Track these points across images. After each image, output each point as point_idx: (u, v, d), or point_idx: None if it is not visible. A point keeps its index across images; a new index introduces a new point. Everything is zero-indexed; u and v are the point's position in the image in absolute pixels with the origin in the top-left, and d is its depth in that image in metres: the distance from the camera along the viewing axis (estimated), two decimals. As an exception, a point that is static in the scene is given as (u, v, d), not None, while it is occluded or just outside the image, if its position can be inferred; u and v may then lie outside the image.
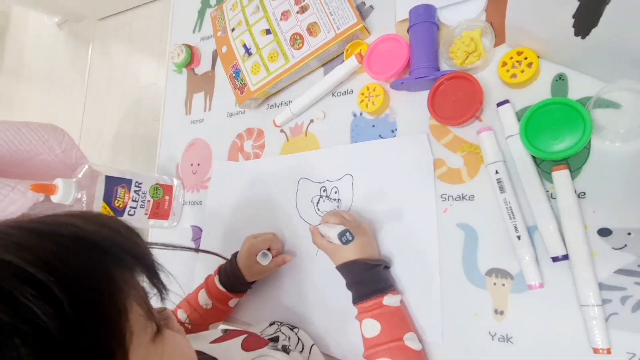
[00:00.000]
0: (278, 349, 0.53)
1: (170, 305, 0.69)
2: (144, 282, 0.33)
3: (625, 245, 0.45)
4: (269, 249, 0.68)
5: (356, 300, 0.56)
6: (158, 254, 0.36)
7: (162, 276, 0.34)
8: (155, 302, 0.34)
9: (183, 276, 0.83)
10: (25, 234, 0.26)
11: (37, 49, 2.80)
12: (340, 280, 0.59)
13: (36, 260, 0.24)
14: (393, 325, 0.53)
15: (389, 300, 0.54)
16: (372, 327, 0.53)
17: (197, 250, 0.59)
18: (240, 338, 0.53)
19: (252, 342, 0.53)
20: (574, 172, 0.49)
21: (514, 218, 0.50)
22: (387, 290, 0.55)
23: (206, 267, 0.80)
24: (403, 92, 0.63)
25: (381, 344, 0.52)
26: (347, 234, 0.52)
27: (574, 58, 0.49)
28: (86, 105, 2.44)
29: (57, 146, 1.15)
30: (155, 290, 0.34)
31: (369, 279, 0.55)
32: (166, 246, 0.46)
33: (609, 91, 0.47)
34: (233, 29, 0.76)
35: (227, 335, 0.56)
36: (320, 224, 0.62)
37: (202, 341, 0.53)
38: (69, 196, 0.69)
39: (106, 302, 0.26)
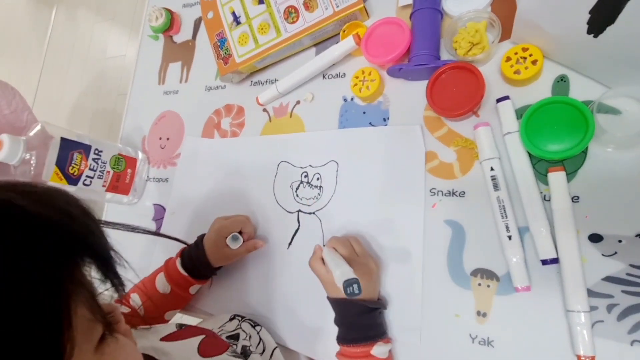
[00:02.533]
0: (238, 355, 0.48)
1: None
2: (94, 277, 0.27)
3: (616, 253, 0.44)
4: (240, 233, 0.63)
5: (342, 341, 0.51)
6: (112, 234, 0.30)
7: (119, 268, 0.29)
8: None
9: (140, 259, 0.76)
10: None
11: (-6, 4, 2.56)
12: (311, 278, 0.55)
13: None
14: None
15: (378, 350, 0.49)
16: None
17: (157, 234, 0.52)
18: (198, 339, 0.48)
19: (210, 346, 0.48)
20: (569, 176, 0.48)
21: (506, 217, 0.48)
22: (378, 338, 0.50)
23: (166, 249, 0.73)
24: (399, 80, 0.60)
25: None
26: (355, 285, 0.44)
27: (579, 59, 0.48)
28: (43, 72, 2.25)
29: (5, 105, 1.03)
30: (107, 286, 0.28)
31: (362, 323, 0.50)
32: (124, 227, 0.40)
33: (611, 96, 0.46)
34: (222, -5, 0.71)
35: (183, 332, 0.50)
36: (325, 245, 0.55)
37: (154, 336, 0.48)
38: (15, 155, 0.61)
39: (44, 310, 0.21)
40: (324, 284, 0.54)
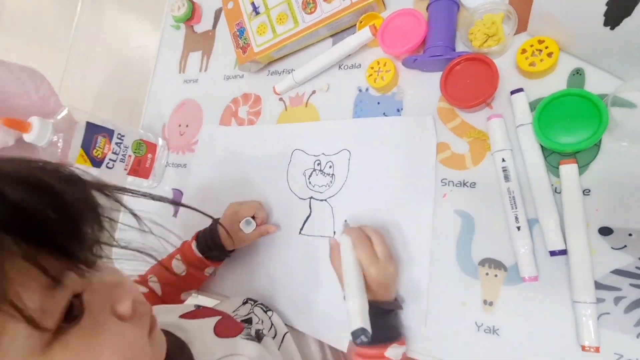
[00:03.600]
0: (252, 337, 0.50)
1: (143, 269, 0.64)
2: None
3: (625, 246, 0.44)
4: (253, 217, 0.65)
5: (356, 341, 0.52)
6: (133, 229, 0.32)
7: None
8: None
9: (158, 242, 0.78)
10: None
11: (23, -5, 2.64)
12: (321, 264, 0.56)
13: None
14: None
15: (392, 352, 0.49)
16: None
17: (179, 204, 0.54)
18: (214, 320, 0.50)
19: (225, 327, 0.49)
20: (581, 169, 0.48)
21: (516, 208, 0.49)
22: (392, 340, 0.49)
23: (183, 235, 0.75)
24: (414, 71, 0.61)
25: None
26: (363, 337, 0.43)
27: (596, 52, 0.48)
28: (69, 61, 2.31)
29: (34, 91, 1.08)
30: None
31: (377, 325, 0.48)
32: (152, 196, 0.40)
33: (626, 90, 0.46)
34: (242, -14, 0.72)
35: (200, 311, 0.53)
36: (343, 234, 0.53)
37: (172, 314, 0.50)
38: (44, 137, 0.64)
39: None
40: (341, 281, 0.52)
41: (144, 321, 0.32)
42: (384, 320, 0.50)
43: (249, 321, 0.59)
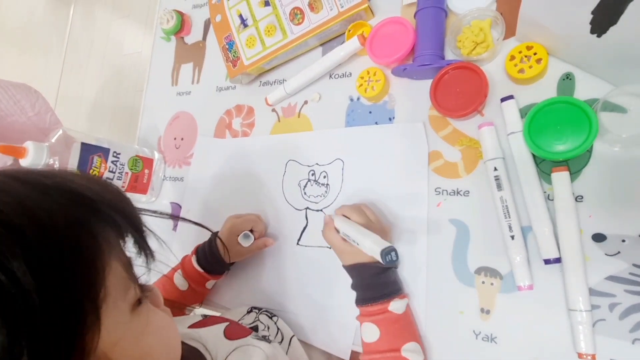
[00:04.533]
0: (261, 339, 0.51)
1: (153, 279, 0.65)
2: (130, 249, 0.31)
3: (619, 252, 0.45)
4: (251, 231, 0.65)
5: (360, 302, 0.53)
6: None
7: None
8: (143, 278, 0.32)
9: (159, 255, 0.79)
10: (8, 179, 0.25)
11: (15, 6, 2.63)
12: (319, 273, 0.57)
13: (13, 203, 0.23)
14: (393, 333, 0.50)
15: (395, 305, 0.51)
16: (372, 332, 0.51)
17: (182, 219, 0.56)
18: (222, 325, 0.51)
19: (235, 330, 0.51)
20: (574, 175, 0.48)
21: (509, 217, 0.49)
22: (395, 294, 0.52)
23: (183, 249, 0.76)
24: (404, 79, 0.61)
25: (378, 352, 0.50)
26: (393, 253, 0.45)
27: (584, 57, 0.48)
28: (64, 70, 2.32)
29: (29, 108, 1.08)
30: (141, 258, 0.32)
31: (378, 282, 0.52)
32: (155, 213, 0.43)
33: (616, 95, 0.45)
34: (229, -2, 0.72)
35: (207, 320, 0.53)
36: (335, 214, 0.57)
37: (180, 324, 0.51)
38: (39, 161, 0.64)
39: (82, 255, 0.24)
40: (339, 253, 0.55)
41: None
42: (383, 277, 0.52)
43: (255, 329, 0.60)
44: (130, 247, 0.31)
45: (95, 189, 0.28)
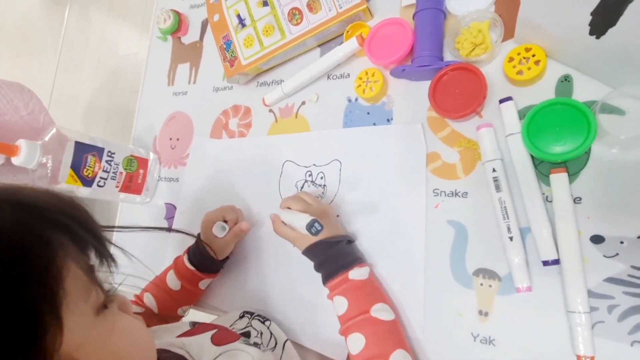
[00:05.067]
0: (251, 345, 0.50)
1: (136, 290, 0.65)
2: (93, 259, 0.31)
3: (617, 254, 0.45)
4: (225, 221, 0.65)
5: (324, 280, 0.55)
6: (128, 234, 0.33)
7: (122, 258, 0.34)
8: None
9: (154, 257, 0.78)
10: None
11: (9, 7, 2.61)
12: (315, 276, 0.56)
13: None
14: (359, 298, 0.52)
15: (355, 274, 0.53)
16: (341, 304, 0.52)
17: (167, 229, 0.56)
18: (210, 333, 0.50)
19: (222, 337, 0.50)
20: (572, 177, 0.48)
21: (508, 218, 0.49)
22: (352, 264, 0.54)
23: (178, 248, 0.76)
24: (403, 80, 0.61)
25: (350, 319, 0.51)
26: (316, 224, 0.49)
27: (583, 59, 0.48)
28: (58, 71, 2.30)
29: (22, 107, 1.06)
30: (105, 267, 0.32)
31: (333, 256, 0.54)
32: (132, 228, 0.44)
33: (615, 96, 0.45)
34: (227, -3, 0.72)
35: (196, 329, 0.53)
36: (280, 208, 0.59)
37: (169, 334, 0.50)
38: (32, 159, 0.64)
39: (32, 258, 0.25)
40: (293, 242, 0.58)
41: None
42: (336, 250, 0.55)
43: (246, 335, 0.59)
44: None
45: (47, 199, 0.29)
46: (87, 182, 0.70)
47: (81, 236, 0.30)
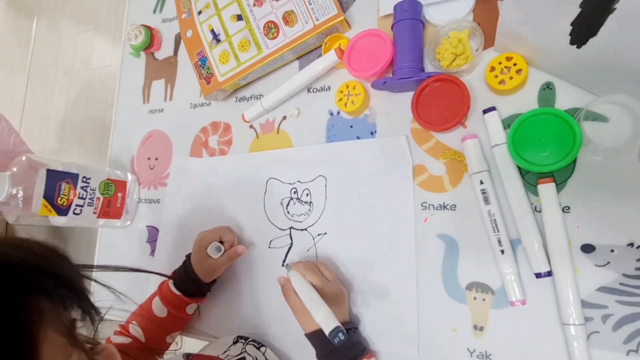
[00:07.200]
0: None
1: (121, 319, 0.62)
2: (74, 311, 0.30)
3: (608, 263, 0.44)
4: (221, 242, 0.63)
5: None
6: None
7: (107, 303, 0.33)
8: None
9: (137, 284, 0.75)
10: None
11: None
12: None
13: None
14: None
15: None
16: None
17: (136, 270, 0.54)
18: None
19: None
20: (559, 185, 0.47)
21: (498, 231, 0.48)
22: (361, 355, 0.51)
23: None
24: (385, 92, 0.60)
25: None
26: (340, 334, 0.45)
27: (564, 67, 0.47)
28: (29, 86, 2.22)
29: (-9, 131, 1.02)
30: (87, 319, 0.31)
31: (342, 347, 0.49)
32: (104, 268, 0.41)
33: (598, 104, 0.45)
34: (200, 12, 0.69)
35: None
36: (293, 270, 0.55)
37: None
38: (1, 192, 0.60)
39: (6, 333, 0.24)
40: (298, 317, 0.53)
41: None
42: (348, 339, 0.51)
43: None
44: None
45: (21, 255, 0.27)
46: (62, 211, 0.67)
47: (60, 294, 0.28)
